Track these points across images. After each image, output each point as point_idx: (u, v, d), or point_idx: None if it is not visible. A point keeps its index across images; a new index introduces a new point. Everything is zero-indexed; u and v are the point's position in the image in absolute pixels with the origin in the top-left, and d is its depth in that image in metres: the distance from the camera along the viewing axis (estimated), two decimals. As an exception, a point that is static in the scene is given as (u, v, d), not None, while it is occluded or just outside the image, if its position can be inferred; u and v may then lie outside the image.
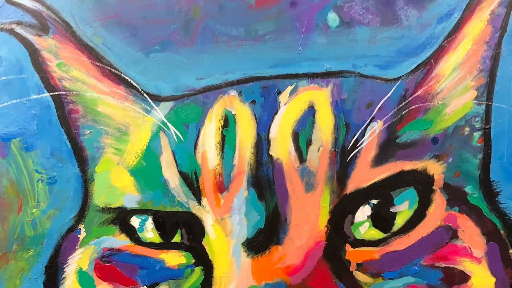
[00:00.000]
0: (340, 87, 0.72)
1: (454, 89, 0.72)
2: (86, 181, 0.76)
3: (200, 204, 0.73)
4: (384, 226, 0.73)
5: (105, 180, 0.75)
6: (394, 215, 0.73)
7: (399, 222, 0.73)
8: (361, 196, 0.73)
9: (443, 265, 0.73)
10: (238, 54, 0.72)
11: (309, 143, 0.72)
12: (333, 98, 0.72)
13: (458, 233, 0.73)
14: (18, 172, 0.76)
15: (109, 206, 0.76)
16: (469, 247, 0.73)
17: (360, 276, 0.73)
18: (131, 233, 0.75)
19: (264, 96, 0.73)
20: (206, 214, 0.73)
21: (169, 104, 0.74)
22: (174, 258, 0.75)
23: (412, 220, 0.73)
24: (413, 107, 0.72)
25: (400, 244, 0.73)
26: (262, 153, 0.73)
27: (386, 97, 0.72)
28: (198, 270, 0.75)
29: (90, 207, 0.76)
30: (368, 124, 0.72)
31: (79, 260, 0.76)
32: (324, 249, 0.73)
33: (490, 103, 0.73)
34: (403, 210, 0.73)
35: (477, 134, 0.73)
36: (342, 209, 0.73)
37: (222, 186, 0.73)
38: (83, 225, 0.76)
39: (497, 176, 0.73)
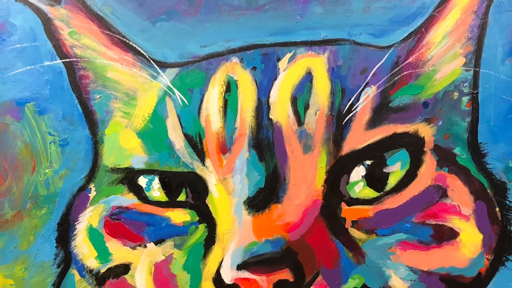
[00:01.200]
0: (336, 54, 0.75)
1: (444, 56, 0.75)
2: (96, 143, 0.78)
3: (203, 164, 0.75)
4: (377, 186, 0.75)
5: (114, 142, 0.77)
6: (387, 175, 0.75)
7: (392, 181, 0.75)
8: (356, 157, 0.75)
9: (433, 222, 0.75)
10: (240, 23, 0.75)
11: (306, 107, 0.74)
12: (329, 65, 0.75)
13: (448, 192, 0.75)
14: (32, 134, 0.78)
15: (117, 167, 0.78)
16: (458, 205, 0.75)
17: (355, 233, 0.75)
18: (139, 192, 0.77)
19: (264, 63, 0.75)
20: (210, 174, 0.75)
21: (175, 70, 0.76)
22: (179, 216, 0.77)
23: (404, 179, 0.75)
24: (405, 73, 0.75)
25: (392, 202, 0.75)
26: (262, 116, 0.75)
27: (380, 63, 0.74)
28: (202, 227, 0.76)
29: (100, 167, 0.78)
30: (363, 89, 0.74)
31: (90, 217, 0.78)
32: (321, 207, 0.75)
33: (477, 69, 0.75)
34: (395, 170, 0.75)
35: (465, 99, 0.75)
36: (338, 170, 0.75)
37: (224, 148, 0.75)
38: (93, 185, 0.78)
39: (484, 138, 0.75)
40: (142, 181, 0.77)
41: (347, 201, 0.75)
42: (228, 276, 0.74)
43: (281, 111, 0.74)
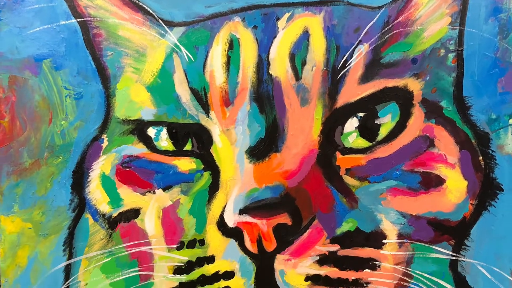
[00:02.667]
0: (331, 14, 0.78)
1: (431, 15, 0.78)
2: (108, 97, 0.81)
3: (208, 116, 0.78)
4: (369, 136, 0.77)
5: (125, 95, 0.80)
6: (378, 126, 0.77)
7: (383, 132, 0.77)
8: (350, 110, 0.77)
9: (421, 170, 0.77)
10: (242, -15, 0.78)
11: (304, 63, 0.77)
12: (325, 24, 0.78)
13: (435, 142, 0.77)
14: (48, 88, 0.81)
15: (128, 118, 0.80)
16: (444, 154, 0.77)
17: (349, 180, 0.78)
18: (148, 142, 0.80)
19: (264, 22, 0.78)
20: (214, 126, 0.78)
21: (181, 29, 0.79)
22: (185, 164, 0.79)
23: (394, 130, 0.77)
24: (395, 31, 0.77)
25: (383, 151, 0.77)
26: (263, 72, 0.77)
27: (372, 23, 0.77)
28: (206, 174, 0.79)
29: (112, 119, 0.81)
30: (356, 47, 0.77)
31: (102, 165, 0.81)
32: (317, 156, 0.77)
33: (462, 28, 0.78)
34: (386, 122, 0.77)
35: (451, 55, 0.78)
36: (333, 121, 0.77)
37: (227, 101, 0.78)
38: (105, 135, 0.81)
39: (469, 92, 0.78)
40: (151, 131, 0.80)
41: (341, 150, 0.78)
42: (231, 220, 0.77)
43: (280, 66, 0.77)
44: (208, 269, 0.79)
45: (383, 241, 0.78)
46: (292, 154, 0.78)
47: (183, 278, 0.80)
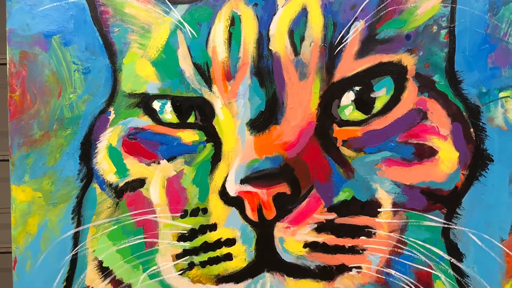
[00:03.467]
0: None
1: None
2: (115, 71, 0.83)
3: (211, 90, 0.81)
4: (365, 109, 0.80)
5: (131, 70, 0.83)
6: (373, 99, 0.80)
7: (378, 105, 0.80)
8: (346, 84, 0.79)
9: (415, 142, 0.80)
10: (243, -37, 0.81)
11: (302, 39, 0.80)
12: (322, 1, 0.80)
13: (428, 114, 0.80)
14: (58, 63, 0.83)
15: (134, 92, 0.83)
16: (436, 126, 0.80)
17: (345, 151, 0.80)
18: (153, 115, 0.82)
19: (264, 0, 0.81)
20: (216, 99, 0.81)
21: (185, 6, 0.81)
22: (189, 136, 0.82)
23: (389, 104, 0.79)
24: (389, 9, 0.79)
25: (378, 124, 0.80)
26: (263, 47, 0.80)
27: (367, 0, 0.80)
28: (209, 146, 0.82)
29: (119, 93, 0.83)
30: (352, 23, 0.79)
31: (109, 137, 0.84)
32: (315, 128, 0.80)
33: (454, 5, 0.79)
34: (381, 95, 0.79)
35: (443, 32, 0.80)
36: (330, 95, 0.80)
37: (229, 75, 0.81)
38: (112, 108, 0.83)
39: (460, 67, 0.80)
40: (156, 105, 0.82)
41: (338, 123, 0.80)
42: (232, 189, 0.80)
43: (279, 42, 0.80)
44: (211, 237, 0.82)
45: (378, 209, 0.81)
46: (291, 126, 0.80)
47: (187, 245, 0.83)
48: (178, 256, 0.83)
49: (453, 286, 0.81)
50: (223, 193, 0.82)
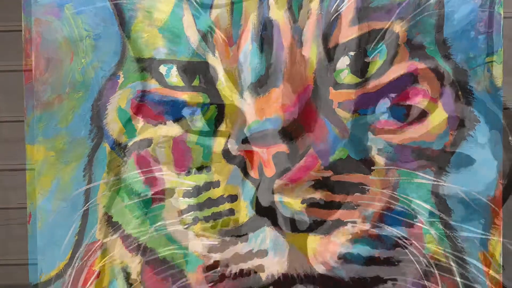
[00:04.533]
0: None
1: None
2: (124, 38, 0.87)
3: (214, 55, 0.85)
4: (359, 73, 0.84)
5: (139, 37, 0.87)
6: (367, 64, 0.84)
7: (372, 70, 0.84)
8: (342, 49, 0.84)
9: (407, 104, 0.84)
10: None
11: (300, 7, 0.84)
12: None
13: (418, 78, 0.84)
14: (70, 30, 0.87)
15: (142, 57, 0.87)
16: (427, 89, 0.84)
17: (341, 113, 0.85)
18: (160, 78, 0.86)
19: None
20: (219, 64, 0.85)
21: None
22: (193, 98, 0.86)
23: (382, 68, 0.84)
24: None
25: (372, 87, 0.84)
26: (263, 15, 0.84)
27: None
28: (212, 107, 0.86)
29: (127, 58, 0.87)
30: None
31: (119, 99, 0.87)
32: (312, 91, 0.84)
33: None
34: (374, 60, 0.84)
35: (433, 1, 0.84)
36: (326, 60, 0.84)
37: (231, 42, 0.85)
38: (121, 72, 0.87)
39: (449, 34, 0.85)
40: (163, 69, 0.86)
41: (334, 86, 0.85)
42: (234, 148, 0.85)
43: (278, 11, 0.84)
44: (214, 193, 0.86)
45: (372, 167, 0.85)
46: (290, 89, 0.85)
47: (192, 201, 0.87)
48: (183, 212, 0.88)
49: (442, 239, 0.86)
50: (225, 152, 0.86)
